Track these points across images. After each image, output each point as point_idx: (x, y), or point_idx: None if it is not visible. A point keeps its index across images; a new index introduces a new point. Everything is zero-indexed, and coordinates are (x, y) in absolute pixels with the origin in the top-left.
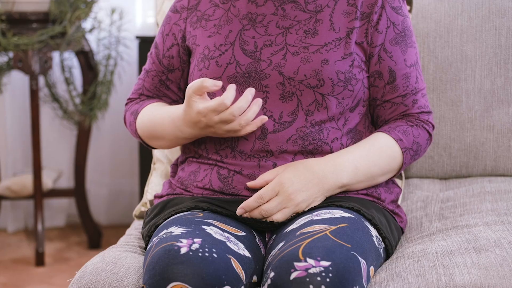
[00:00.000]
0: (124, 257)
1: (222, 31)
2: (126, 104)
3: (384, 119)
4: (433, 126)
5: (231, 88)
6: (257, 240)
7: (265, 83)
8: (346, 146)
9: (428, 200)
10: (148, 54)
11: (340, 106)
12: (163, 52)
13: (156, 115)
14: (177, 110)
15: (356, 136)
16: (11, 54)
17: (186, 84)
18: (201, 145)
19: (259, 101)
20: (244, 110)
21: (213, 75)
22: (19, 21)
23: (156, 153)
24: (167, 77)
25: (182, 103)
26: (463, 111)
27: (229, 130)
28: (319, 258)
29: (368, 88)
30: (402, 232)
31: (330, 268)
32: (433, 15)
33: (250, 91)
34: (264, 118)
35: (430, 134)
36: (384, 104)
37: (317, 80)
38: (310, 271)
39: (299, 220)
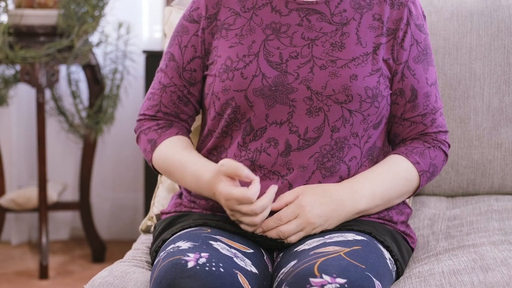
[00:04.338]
0: (132, 271)
1: (245, 41)
2: (140, 120)
3: (402, 137)
4: (449, 146)
5: (257, 182)
6: (265, 257)
7: (292, 97)
8: (362, 165)
9: (435, 218)
10: (161, 68)
11: (364, 122)
12: (183, 66)
13: (178, 163)
14: (202, 170)
15: (373, 154)
16: (18, 67)
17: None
18: (223, 153)
19: (274, 188)
20: (265, 208)
21: (238, 87)
22: (26, 34)
23: None
24: (188, 90)
25: (197, 114)
26: (471, 129)
27: (242, 221)
28: (335, 275)
29: (390, 105)
30: (412, 251)
31: (346, 286)
32: (442, 33)
33: (273, 189)
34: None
35: (446, 154)
36: (403, 122)
37: (346, 96)
38: (326, 287)
39: (310, 241)
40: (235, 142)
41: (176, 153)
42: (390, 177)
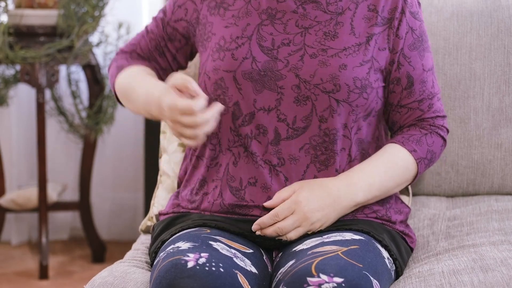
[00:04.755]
0: (132, 272)
1: (240, 23)
2: (117, 53)
3: (399, 125)
4: (448, 131)
5: (203, 98)
6: (264, 257)
7: (281, 84)
8: (353, 158)
9: (435, 218)
10: (153, 17)
11: (353, 114)
12: (168, 20)
13: (136, 82)
14: (154, 87)
15: (365, 147)
16: (18, 67)
17: (183, 57)
18: (214, 139)
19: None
20: (207, 122)
21: (227, 68)
22: (26, 35)
23: (162, 166)
24: (165, 44)
25: (172, 71)
26: (471, 129)
27: (183, 133)
28: (332, 275)
29: (381, 98)
30: (411, 251)
31: (343, 285)
32: (442, 33)
33: (219, 106)
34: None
35: (444, 139)
36: (400, 109)
37: (333, 85)
38: (323, 286)
39: (309, 241)
40: (227, 126)
41: (138, 75)
42: (387, 167)
